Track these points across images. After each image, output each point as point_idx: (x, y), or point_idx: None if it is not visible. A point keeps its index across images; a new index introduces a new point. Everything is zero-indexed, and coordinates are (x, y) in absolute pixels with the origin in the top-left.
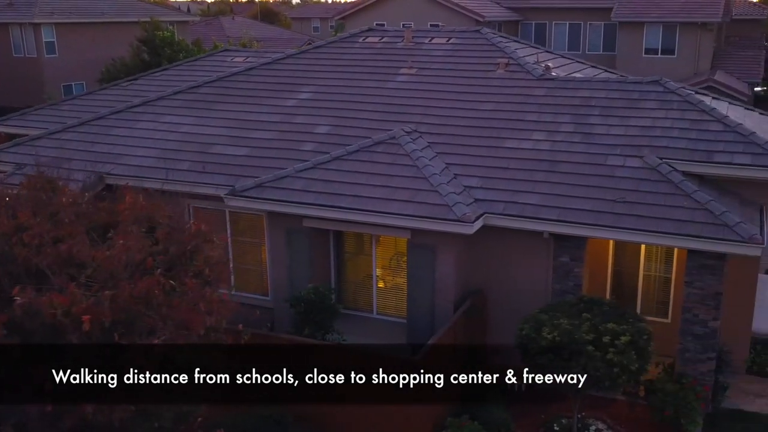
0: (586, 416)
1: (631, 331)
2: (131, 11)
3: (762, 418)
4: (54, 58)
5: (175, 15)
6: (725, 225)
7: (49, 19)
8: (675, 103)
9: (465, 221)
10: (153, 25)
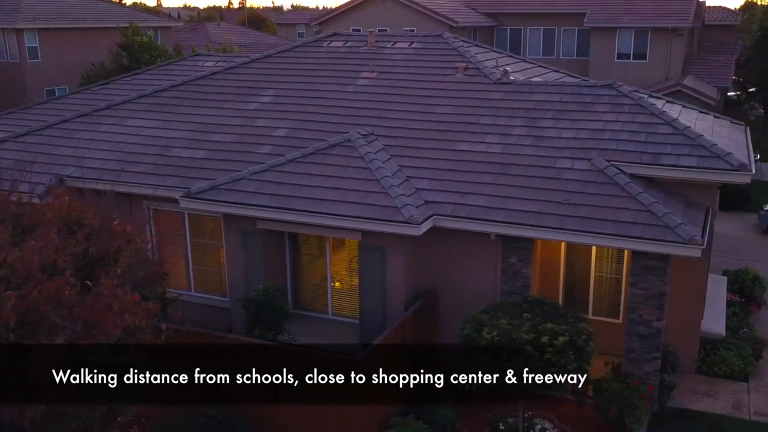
0: (533, 416)
1: (569, 331)
2: (114, 17)
3: (707, 417)
4: (37, 63)
5: (158, 21)
6: (667, 226)
7: (31, 25)
8: (627, 107)
9: (412, 223)
10: (132, 30)
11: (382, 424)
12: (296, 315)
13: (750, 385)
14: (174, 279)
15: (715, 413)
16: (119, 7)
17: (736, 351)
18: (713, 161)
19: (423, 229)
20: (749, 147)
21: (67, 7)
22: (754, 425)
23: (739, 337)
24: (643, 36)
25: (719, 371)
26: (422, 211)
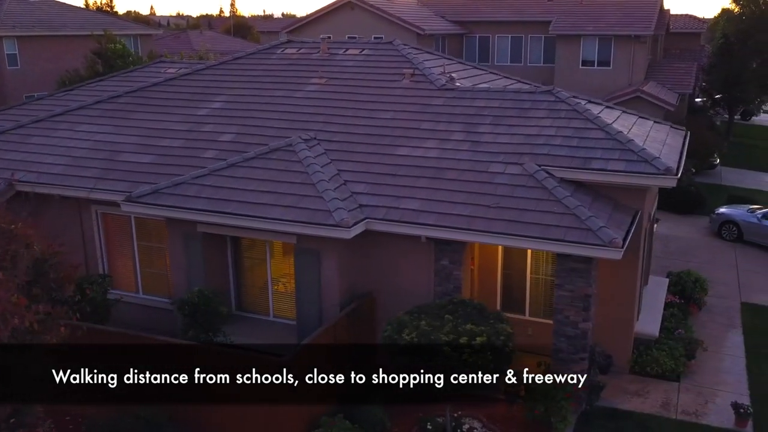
0: (463, 415)
1: (488, 332)
2: (93, 25)
3: (635, 417)
4: (16, 69)
5: (137, 29)
6: (589, 229)
7: (10, 32)
8: (563, 112)
9: (343, 226)
10: (106, 38)
11: (311, 424)
12: (239, 317)
13: (681, 385)
14: (122, 281)
15: (643, 413)
16: (99, 15)
17: (668, 351)
18: (641, 165)
19: (353, 233)
20: (683, 152)
21: (47, 15)
22: (680, 424)
23: (674, 337)
24: (606, 43)
25: (651, 371)
26: (354, 215)
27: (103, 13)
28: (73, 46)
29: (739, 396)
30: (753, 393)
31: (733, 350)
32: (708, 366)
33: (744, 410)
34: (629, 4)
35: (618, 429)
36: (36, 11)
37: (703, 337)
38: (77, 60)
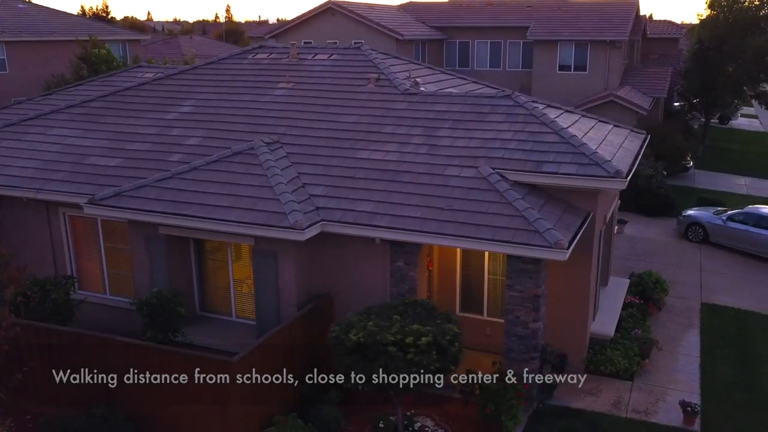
0: (416, 414)
1: (434, 332)
2: (81, 31)
3: (586, 415)
4: (4, 74)
5: (125, 34)
6: (536, 231)
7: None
8: (520, 117)
9: (297, 228)
10: (91, 43)
11: (264, 423)
12: (203, 317)
13: (634, 384)
14: (90, 282)
15: (594, 411)
16: (88, 21)
17: (622, 351)
18: (591, 168)
19: (307, 235)
20: (638, 155)
21: (36, 20)
22: (628, 422)
23: (630, 337)
24: (583, 49)
25: (605, 370)
26: (310, 217)
27: (91, 18)
28: (61, 51)
29: (690, 395)
30: (704, 392)
31: (689, 350)
32: (662, 365)
33: (691, 409)
34: (605, 11)
35: (568, 427)
36: (25, 17)
37: (660, 337)
38: (65, 65)
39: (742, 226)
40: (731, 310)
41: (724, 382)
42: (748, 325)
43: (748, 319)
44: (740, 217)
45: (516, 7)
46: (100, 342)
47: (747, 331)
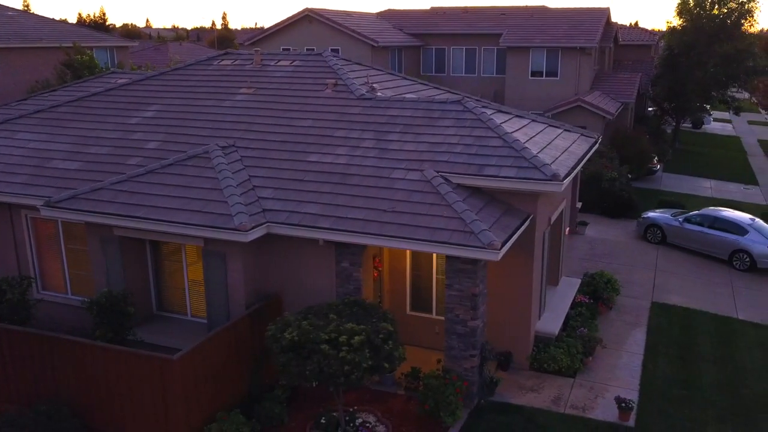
0: (359, 410)
1: (367, 331)
2: (69, 37)
3: (525, 411)
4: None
5: (112, 41)
6: (471, 232)
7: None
8: (468, 121)
9: (241, 230)
10: (75, 49)
11: (208, 419)
12: (160, 316)
13: (576, 381)
14: (53, 282)
15: (533, 407)
16: (75, 28)
17: (565, 349)
18: (530, 171)
19: (251, 236)
20: (582, 158)
21: (25, 28)
22: (566, 418)
23: (575, 336)
24: (554, 55)
25: (549, 368)
26: (256, 219)
27: (80, 26)
28: (49, 57)
29: (629, 391)
30: (643, 388)
31: (633, 347)
32: (606, 363)
33: (626, 404)
34: (576, 18)
35: (506, 422)
36: (12, 24)
37: (608, 336)
38: (52, 71)
39: (697, 228)
40: (680, 309)
41: (663, 379)
42: (694, 323)
43: (695, 318)
44: (696, 218)
45: (490, 14)
46: (46, 340)
47: (692, 329)
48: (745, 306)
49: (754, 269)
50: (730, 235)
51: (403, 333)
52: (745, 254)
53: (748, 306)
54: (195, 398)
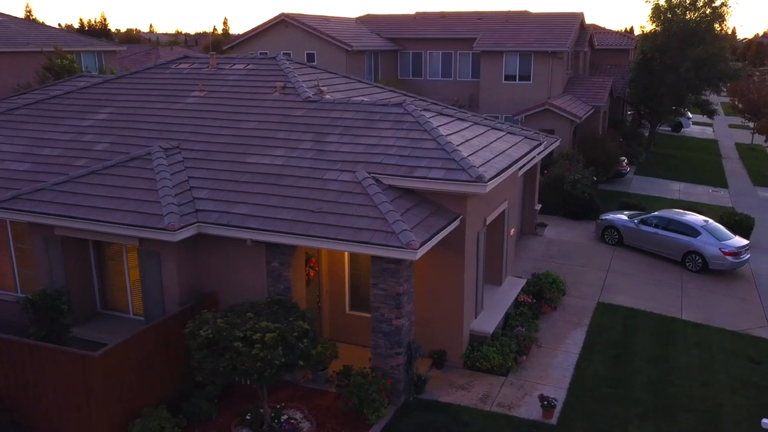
0: (286, 407)
1: (281, 329)
2: (56, 42)
3: (451, 409)
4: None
5: (100, 45)
6: (392, 232)
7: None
8: (406, 124)
9: (169, 230)
10: (56, 53)
11: (133, 415)
12: (103, 314)
13: (507, 379)
14: (4, 281)
15: (460, 405)
16: (64, 33)
17: (498, 348)
18: (458, 173)
19: (180, 236)
20: (517, 161)
21: (13, 33)
22: (490, 415)
23: (511, 335)
24: (527, 59)
25: (481, 366)
26: (187, 219)
27: (74, 31)
28: (37, 61)
29: (557, 390)
30: (572, 387)
31: (570, 347)
32: (540, 362)
33: (548, 402)
34: (549, 23)
35: (430, 420)
36: (1, 29)
37: (547, 335)
38: (34, 75)
39: (652, 230)
40: (624, 309)
41: (593, 378)
42: (636, 323)
43: (637, 318)
44: (651, 220)
45: (466, 19)
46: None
47: (633, 329)
48: (691, 306)
49: (706, 270)
50: (683, 236)
51: (343, 332)
52: (697, 255)
53: (694, 306)
54: (118, 394)
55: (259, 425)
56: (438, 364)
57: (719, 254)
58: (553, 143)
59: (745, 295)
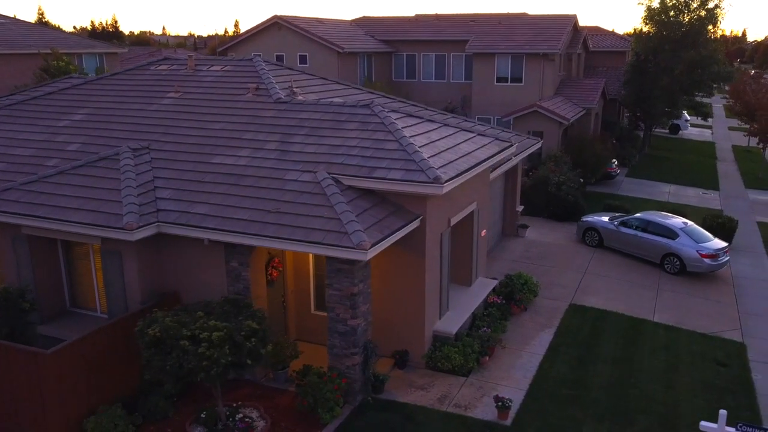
0: (243, 405)
1: (229, 329)
2: (57, 44)
3: (409, 409)
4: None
5: (102, 47)
6: (345, 233)
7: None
8: (372, 125)
9: (127, 229)
10: (53, 55)
11: (88, 412)
12: (73, 312)
13: (468, 380)
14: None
15: (417, 405)
16: (66, 36)
17: (460, 348)
18: (416, 174)
19: (138, 235)
20: (481, 163)
21: (15, 35)
22: (445, 416)
23: (476, 335)
24: (518, 61)
25: (442, 366)
26: (146, 219)
27: (68, 33)
28: (35, 63)
29: (516, 391)
30: (532, 388)
31: (536, 348)
32: (503, 363)
33: (503, 403)
34: (541, 25)
35: (384, 420)
36: (4, 31)
37: (514, 336)
38: (32, 76)
39: (631, 231)
40: (595, 310)
41: (555, 379)
42: (606, 325)
43: (607, 319)
44: (631, 222)
45: (460, 21)
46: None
47: (602, 331)
48: (664, 308)
49: (684, 273)
50: (662, 238)
51: (309, 332)
52: (675, 258)
53: (668, 309)
54: (73, 392)
55: (213, 423)
56: (400, 364)
57: (696, 256)
58: (533, 144)
59: (721, 298)
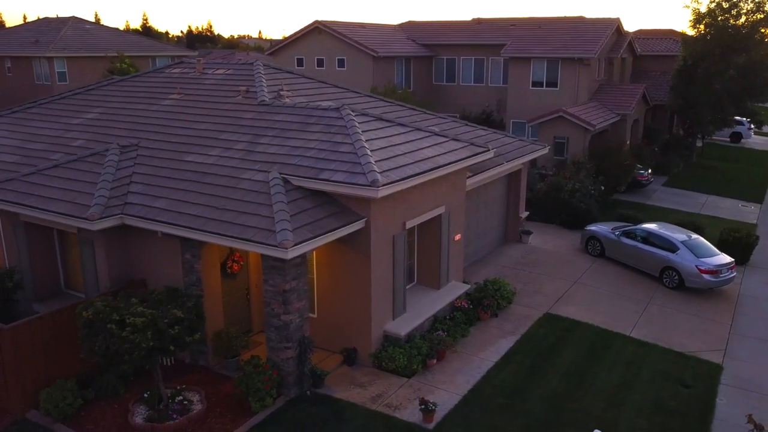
0: (186, 389)
1: (154, 315)
2: (132, 48)
3: (339, 404)
4: (65, 84)
5: (173, 50)
6: (273, 231)
7: (60, 54)
8: (335, 128)
9: (90, 219)
10: (119, 58)
11: (46, 386)
12: (67, 294)
13: (409, 381)
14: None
15: (349, 401)
16: (141, 39)
17: (406, 350)
18: (357, 177)
19: (99, 226)
20: (438, 168)
21: (97, 39)
22: (372, 414)
23: (429, 338)
24: (554, 65)
25: (387, 366)
26: (111, 211)
27: (143, 37)
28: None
29: (453, 395)
30: (468, 394)
31: (490, 355)
32: (451, 367)
33: (426, 406)
34: (579, 29)
35: (313, 414)
36: (86, 36)
37: (474, 341)
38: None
39: (632, 242)
40: (569, 321)
41: (496, 387)
42: (573, 336)
43: (577, 331)
44: (633, 233)
45: (500, 25)
46: None
47: (567, 342)
48: (646, 324)
49: (683, 288)
50: (662, 251)
51: None
52: (674, 272)
53: (649, 324)
54: (32, 366)
55: (155, 404)
56: (349, 362)
57: (695, 271)
58: (537, 150)
59: (716, 316)
